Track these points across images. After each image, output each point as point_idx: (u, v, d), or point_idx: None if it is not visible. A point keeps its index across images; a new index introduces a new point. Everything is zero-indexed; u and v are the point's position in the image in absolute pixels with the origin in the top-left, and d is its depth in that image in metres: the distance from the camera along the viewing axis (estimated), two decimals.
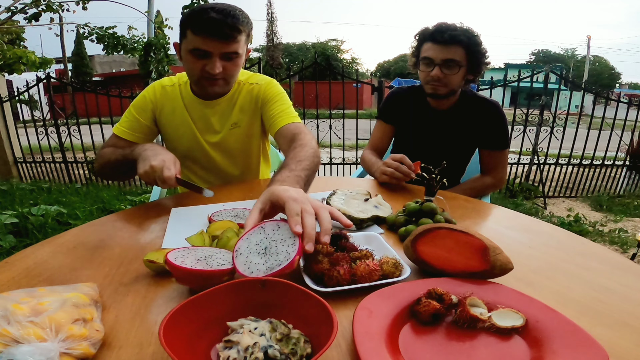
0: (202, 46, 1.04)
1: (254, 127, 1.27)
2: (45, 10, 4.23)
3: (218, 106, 1.22)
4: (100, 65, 25.23)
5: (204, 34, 1.02)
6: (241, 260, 0.58)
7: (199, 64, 1.07)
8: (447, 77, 1.29)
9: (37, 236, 2.52)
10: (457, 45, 1.26)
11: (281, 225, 0.62)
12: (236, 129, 1.24)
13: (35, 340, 0.41)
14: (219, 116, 1.23)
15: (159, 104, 1.22)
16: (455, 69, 1.28)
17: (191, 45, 1.05)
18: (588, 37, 31.52)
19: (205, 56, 1.06)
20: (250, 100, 1.23)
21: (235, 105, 1.23)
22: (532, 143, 3.95)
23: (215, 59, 1.06)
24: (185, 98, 1.22)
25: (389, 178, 1.16)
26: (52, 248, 0.76)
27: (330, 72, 4.23)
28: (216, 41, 1.03)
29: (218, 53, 1.05)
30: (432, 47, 1.29)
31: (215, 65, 1.06)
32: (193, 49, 1.05)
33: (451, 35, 1.25)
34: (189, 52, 1.06)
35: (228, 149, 1.27)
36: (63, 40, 14.49)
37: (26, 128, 4.35)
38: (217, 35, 1.02)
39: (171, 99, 1.22)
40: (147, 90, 1.23)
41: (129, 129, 1.20)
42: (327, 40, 31.02)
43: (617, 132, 3.99)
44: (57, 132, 4.30)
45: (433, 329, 0.51)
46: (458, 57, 1.27)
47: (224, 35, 1.03)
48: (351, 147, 4.93)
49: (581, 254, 0.73)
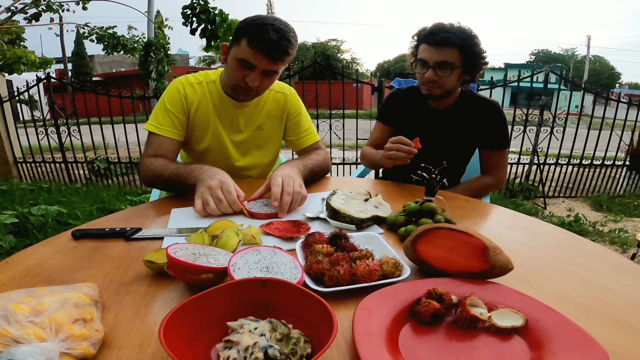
0: (252, 60, 1.08)
1: (275, 132, 1.36)
2: (45, 10, 4.23)
3: (246, 108, 1.27)
4: (100, 65, 25.23)
5: (258, 50, 1.06)
6: (241, 274, 0.58)
7: (241, 73, 1.11)
8: (441, 78, 1.28)
9: (37, 236, 2.52)
10: (451, 47, 1.25)
11: (277, 252, 0.64)
12: (259, 131, 1.32)
13: (35, 340, 0.41)
14: (245, 117, 1.29)
15: (190, 100, 1.23)
16: (448, 71, 1.27)
17: (241, 55, 1.08)
18: (588, 37, 31.53)
19: (249, 68, 1.10)
20: (276, 108, 1.32)
21: (263, 110, 1.30)
22: (532, 143, 3.95)
23: (258, 73, 1.11)
24: (213, 96, 1.24)
25: (393, 161, 1.18)
26: (52, 248, 0.76)
27: (330, 72, 4.23)
28: (266, 59, 1.08)
29: (262, 68, 1.10)
30: (427, 49, 1.28)
31: (256, 79, 1.11)
32: (242, 59, 1.09)
33: (443, 38, 1.24)
34: (237, 59, 1.10)
35: (248, 149, 1.33)
36: (63, 40, 14.49)
37: (26, 128, 4.34)
38: (269, 55, 1.07)
39: (199, 95, 1.23)
40: (177, 86, 1.22)
41: (170, 127, 1.19)
42: (327, 40, 31.01)
43: (617, 132, 3.99)
44: (57, 132, 4.30)
45: (433, 329, 0.51)
46: (452, 59, 1.26)
47: (275, 57, 1.08)
48: (351, 147, 4.93)
49: (581, 254, 0.73)
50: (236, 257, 0.61)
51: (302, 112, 1.38)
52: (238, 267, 0.59)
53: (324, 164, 1.30)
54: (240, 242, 0.73)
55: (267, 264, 0.61)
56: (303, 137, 1.38)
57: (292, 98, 1.35)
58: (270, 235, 0.80)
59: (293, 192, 0.95)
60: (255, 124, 1.30)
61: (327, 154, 1.36)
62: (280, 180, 0.97)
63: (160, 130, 1.18)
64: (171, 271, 0.59)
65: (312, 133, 1.40)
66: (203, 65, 27.91)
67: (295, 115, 1.36)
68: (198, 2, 3.95)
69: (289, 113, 1.34)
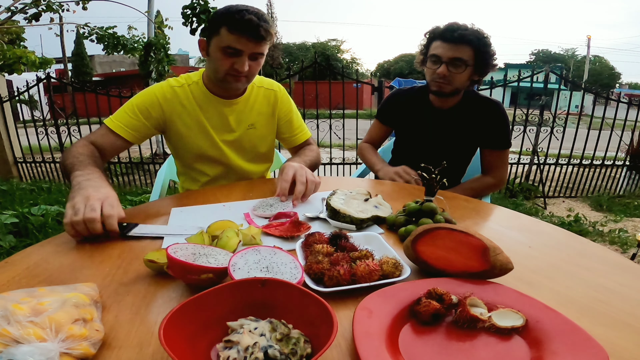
0: (237, 45, 1.08)
1: (268, 130, 1.35)
2: (45, 10, 4.23)
3: (235, 105, 1.26)
4: (100, 65, 25.22)
5: (240, 33, 1.06)
6: (241, 274, 0.58)
7: (228, 62, 1.11)
8: (453, 75, 1.30)
9: (37, 236, 2.52)
10: (466, 45, 1.27)
11: (277, 252, 0.64)
12: (252, 129, 1.31)
13: (35, 340, 0.41)
14: (236, 115, 1.27)
15: (171, 105, 1.20)
16: (461, 68, 1.29)
17: (224, 42, 1.08)
18: (588, 37, 31.51)
19: (235, 54, 1.10)
20: (267, 105, 1.32)
21: (253, 108, 1.30)
22: (532, 143, 3.95)
23: (245, 58, 1.11)
24: (197, 97, 1.22)
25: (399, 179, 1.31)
26: (52, 248, 0.76)
27: (330, 72, 4.23)
28: (250, 41, 1.08)
29: (248, 52, 1.10)
30: (441, 45, 1.30)
31: (245, 63, 1.11)
32: (226, 47, 1.09)
33: (461, 35, 1.26)
34: (221, 49, 1.10)
35: (242, 147, 1.32)
36: (63, 40, 14.48)
37: (26, 128, 4.34)
38: (253, 35, 1.07)
39: (182, 99, 1.21)
40: (154, 90, 1.19)
41: (127, 126, 1.16)
42: (327, 40, 31.03)
43: (617, 132, 3.99)
44: (57, 132, 4.30)
45: (433, 329, 0.51)
46: (466, 57, 1.28)
47: (259, 37, 1.08)
48: (351, 147, 4.93)
49: (581, 254, 0.73)
50: (236, 257, 0.61)
51: (293, 109, 1.39)
52: (238, 267, 0.59)
53: (317, 160, 1.36)
54: (240, 242, 0.73)
55: (267, 264, 0.61)
56: (296, 134, 1.40)
57: (282, 95, 1.35)
58: (270, 235, 0.80)
59: (307, 181, 1.01)
60: (247, 122, 1.29)
61: (318, 150, 1.42)
62: (290, 175, 1.02)
63: (113, 124, 1.15)
64: (171, 271, 0.59)
65: (304, 130, 1.42)
66: (203, 65, 27.86)
67: (287, 112, 1.36)
68: (198, 2, 3.95)
69: (280, 110, 1.34)
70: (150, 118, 1.19)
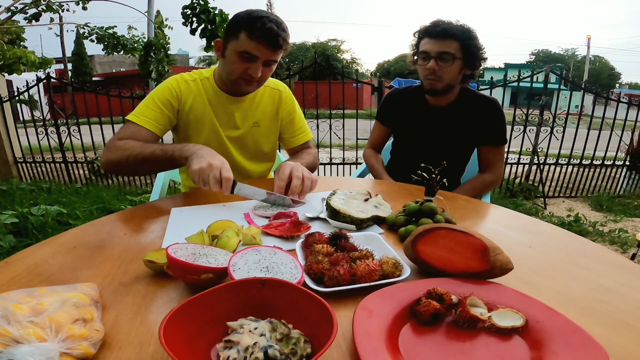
0: (254, 51, 1.10)
1: (271, 129, 1.37)
2: (45, 10, 4.23)
3: (242, 103, 1.28)
4: (100, 65, 25.23)
5: (259, 40, 1.08)
6: (241, 274, 0.58)
7: (243, 66, 1.13)
8: (442, 69, 1.32)
9: (37, 236, 2.52)
10: (451, 39, 1.30)
11: (277, 252, 0.64)
12: (256, 127, 1.33)
13: (35, 340, 0.41)
14: (241, 113, 1.29)
15: (184, 97, 1.23)
16: (449, 62, 1.31)
17: (242, 47, 1.10)
18: (588, 37, 31.51)
19: (251, 59, 1.12)
20: (272, 104, 1.34)
21: (259, 106, 1.31)
22: (532, 143, 3.95)
23: (259, 64, 1.13)
24: (208, 92, 1.25)
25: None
26: (52, 248, 0.76)
27: (330, 72, 4.23)
28: (268, 49, 1.10)
29: (264, 59, 1.12)
30: (429, 42, 1.33)
31: (258, 69, 1.13)
32: (243, 51, 1.10)
33: (444, 29, 1.30)
34: (237, 52, 1.11)
35: (245, 145, 1.34)
36: (63, 40, 14.49)
37: (26, 128, 4.34)
38: (271, 44, 1.09)
39: (194, 92, 1.24)
40: (170, 82, 1.22)
41: (153, 119, 1.17)
42: (327, 40, 30.98)
43: (617, 132, 3.99)
44: (57, 132, 4.30)
45: (433, 329, 0.51)
46: (452, 50, 1.30)
47: (277, 45, 1.10)
48: (351, 147, 4.92)
49: (581, 254, 0.73)
50: (236, 257, 0.61)
51: (296, 110, 1.40)
52: (238, 267, 0.59)
53: (313, 163, 1.36)
54: (240, 242, 0.73)
55: (267, 264, 0.61)
56: (297, 135, 1.41)
57: (287, 95, 1.37)
58: (270, 235, 0.80)
59: (303, 177, 1.01)
60: (252, 120, 1.31)
61: (316, 153, 1.43)
62: (286, 173, 1.02)
63: (140, 120, 1.16)
64: (171, 271, 0.59)
65: (305, 131, 1.43)
66: (203, 65, 27.88)
67: (290, 113, 1.38)
68: (198, 2, 3.94)
69: (283, 110, 1.36)
70: (172, 109, 1.21)
